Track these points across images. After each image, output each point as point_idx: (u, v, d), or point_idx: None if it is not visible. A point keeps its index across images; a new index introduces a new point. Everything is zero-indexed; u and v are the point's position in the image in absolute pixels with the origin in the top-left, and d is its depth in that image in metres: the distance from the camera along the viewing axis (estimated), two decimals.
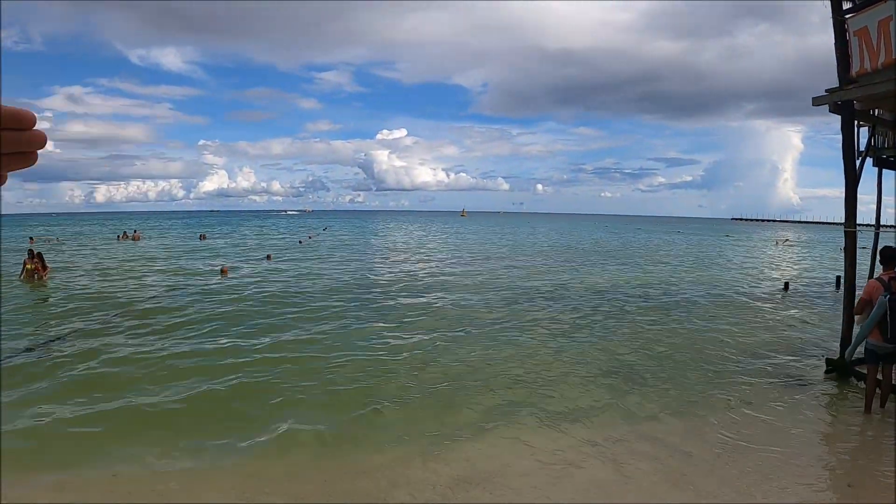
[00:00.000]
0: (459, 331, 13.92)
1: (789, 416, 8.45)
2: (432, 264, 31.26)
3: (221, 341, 12.67)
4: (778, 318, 17.39)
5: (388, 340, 12.81)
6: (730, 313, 17.77)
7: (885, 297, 7.97)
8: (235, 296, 18.99)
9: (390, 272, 27.16)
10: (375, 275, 26.01)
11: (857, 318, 8.80)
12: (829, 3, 10.66)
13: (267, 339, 12.78)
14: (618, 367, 10.99)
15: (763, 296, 22.39)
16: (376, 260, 34.09)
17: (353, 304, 17.76)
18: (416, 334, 13.44)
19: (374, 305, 17.53)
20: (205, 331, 13.70)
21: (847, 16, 10.30)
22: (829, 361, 10.85)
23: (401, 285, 22.25)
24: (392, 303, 18.02)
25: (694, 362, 11.47)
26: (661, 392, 9.48)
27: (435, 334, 13.44)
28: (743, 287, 24.99)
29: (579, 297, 20.10)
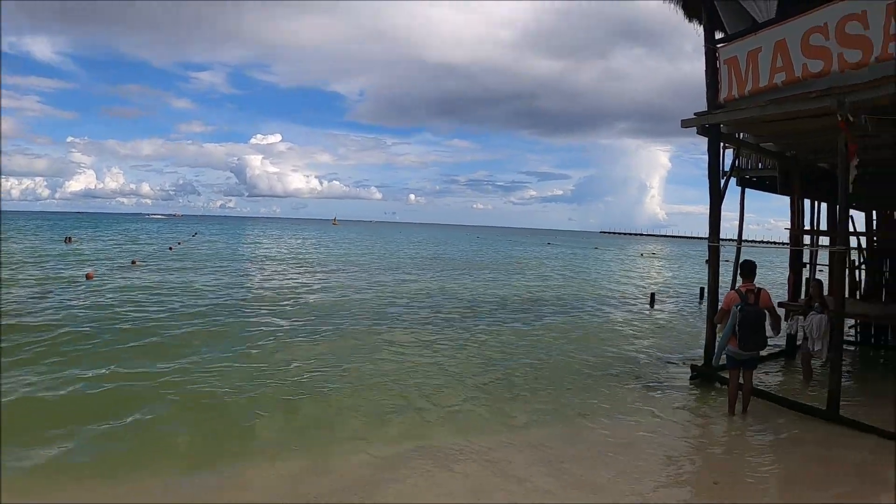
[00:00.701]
0: (335, 341, 13.71)
1: (658, 419, 8.85)
2: (308, 274, 30.52)
3: (75, 350, 12.10)
4: (646, 327, 18.22)
5: (261, 352, 12.46)
6: (600, 323, 18.47)
7: (738, 307, 8.55)
8: (98, 304, 18.00)
9: (264, 281, 26.37)
10: (249, 284, 25.12)
11: (717, 326, 9.40)
12: (703, 33, 11.39)
13: (130, 351, 12.22)
14: (494, 375, 11.17)
15: (631, 306, 23.43)
16: (250, 268, 32.93)
17: (223, 313, 17.07)
18: (293, 346, 13.11)
19: (246, 316, 16.90)
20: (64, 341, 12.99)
21: (718, 45, 11.00)
22: (693, 368, 11.46)
23: (275, 295, 21.56)
24: (266, 314, 17.40)
25: (567, 370, 11.80)
26: (536, 399, 9.69)
27: (311, 345, 13.22)
28: (612, 298, 26.05)
29: (454, 307, 20.32)
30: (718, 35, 11.47)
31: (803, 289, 13.36)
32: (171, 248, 47.07)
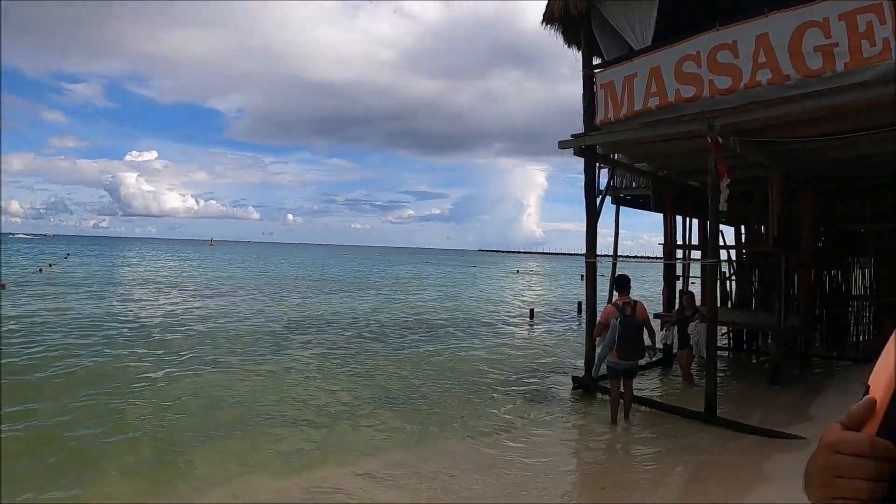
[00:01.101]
0: (222, 368, 13.09)
1: (545, 430, 9.12)
2: (191, 298, 28.73)
3: None
4: (527, 342, 18.70)
5: (144, 381, 11.66)
6: (483, 340, 18.71)
7: (618, 319, 8.94)
8: None
9: (146, 307, 24.67)
10: (127, 309, 23.47)
11: (597, 339, 9.81)
12: (581, 58, 11.89)
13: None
14: (384, 396, 11.11)
15: (512, 322, 23.90)
16: (130, 293, 30.73)
17: (102, 342, 15.84)
18: (177, 374, 12.39)
19: (127, 342, 15.89)
20: None
21: (596, 70, 11.52)
22: (575, 379, 11.84)
23: (156, 321, 20.34)
24: (147, 340, 16.38)
25: (453, 387, 11.90)
26: (426, 417, 9.73)
27: (196, 372, 12.58)
28: (493, 314, 26.52)
29: (339, 328, 20.11)
30: (596, 60, 11.98)
31: (677, 300, 14.06)
32: (40, 270, 43.99)
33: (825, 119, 9.03)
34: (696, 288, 15.58)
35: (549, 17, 12.06)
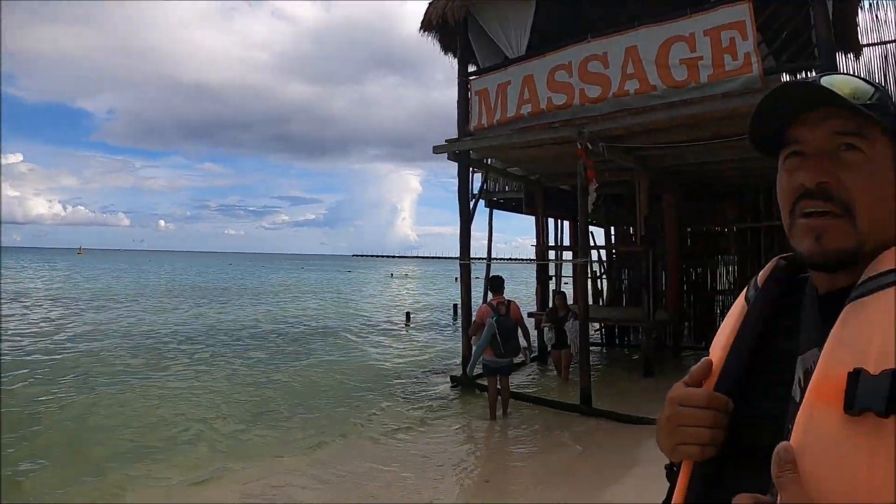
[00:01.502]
0: (97, 384, 12.36)
1: (427, 429, 9.27)
2: (67, 311, 26.57)
3: None
4: (404, 344, 18.79)
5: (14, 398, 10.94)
6: (361, 344, 18.69)
7: (493, 318, 9.21)
8: None
9: (17, 322, 22.53)
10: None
11: (472, 338, 10.06)
12: (457, 65, 12.20)
13: None
14: (264, 405, 10.88)
15: (388, 326, 23.93)
16: None
17: None
18: (49, 390, 11.71)
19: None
20: None
21: (471, 77, 11.85)
22: (453, 378, 12.14)
23: (24, 335, 18.95)
24: (24, 359, 14.94)
25: (335, 393, 11.82)
26: (310, 424, 9.60)
27: (69, 388, 11.91)
28: (369, 318, 26.46)
29: (215, 337, 19.55)
30: (471, 68, 12.32)
31: (550, 300, 14.51)
32: None
33: (688, 127, 9.73)
34: (569, 288, 16.14)
35: (426, 25, 12.28)
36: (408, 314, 26.44)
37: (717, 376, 1.14)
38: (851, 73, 0.95)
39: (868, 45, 12.95)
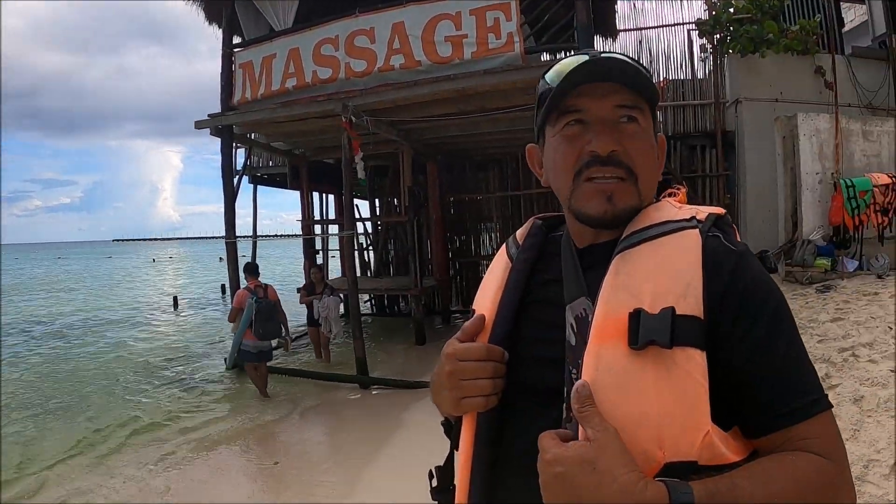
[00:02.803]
0: None
1: (204, 414, 9.03)
2: None
3: None
4: (175, 330, 18.09)
5: None
6: (129, 332, 17.79)
7: (253, 300, 9.16)
8: None
9: None
10: None
11: (232, 325, 9.78)
12: (222, 36, 11.81)
13: None
14: (34, 401, 10.14)
15: (156, 312, 22.89)
16: None
17: None
18: None
19: None
20: None
21: (236, 49, 11.54)
22: (226, 360, 11.78)
23: None
24: None
25: (109, 384, 11.20)
26: (91, 419, 8.99)
27: None
28: (136, 305, 25.10)
29: None
30: (237, 40, 11.99)
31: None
32: None
33: (451, 100, 10.16)
34: (338, 261, 16.18)
35: None
36: (175, 298, 25.29)
37: (490, 329, 1.24)
38: (621, 53, 1.09)
39: (625, 30, 14.12)
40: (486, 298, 1.29)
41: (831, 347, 5.89)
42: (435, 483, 1.31)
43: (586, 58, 1.16)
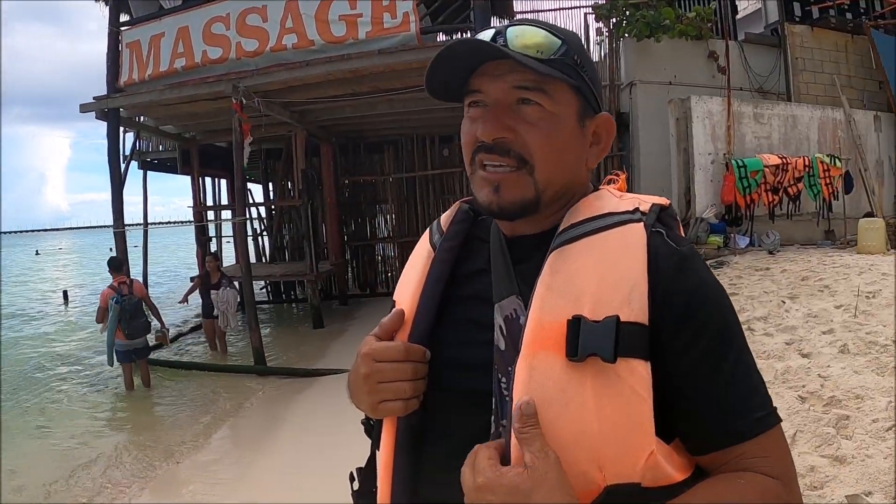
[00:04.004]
0: None
1: (102, 413, 8.68)
2: None
3: None
4: (64, 325, 17.24)
5: None
6: (17, 331, 16.65)
7: (114, 300, 8.62)
8: None
9: None
10: None
11: (100, 326, 9.19)
12: (108, 14, 11.26)
13: None
14: None
15: (46, 308, 21.71)
16: None
17: None
18: None
19: None
20: None
21: (123, 28, 11.04)
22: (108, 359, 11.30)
23: None
24: None
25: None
26: None
27: None
28: (22, 302, 23.78)
29: None
30: (124, 18, 11.50)
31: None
32: None
33: (346, 81, 9.99)
34: (231, 247, 15.72)
35: None
36: (65, 293, 24.27)
37: (411, 326, 1.10)
38: (542, 23, 0.95)
39: (522, 12, 14.10)
40: (407, 292, 1.15)
41: None
42: (357, 486, 1.20)
43: (492, 32, 1.03)
